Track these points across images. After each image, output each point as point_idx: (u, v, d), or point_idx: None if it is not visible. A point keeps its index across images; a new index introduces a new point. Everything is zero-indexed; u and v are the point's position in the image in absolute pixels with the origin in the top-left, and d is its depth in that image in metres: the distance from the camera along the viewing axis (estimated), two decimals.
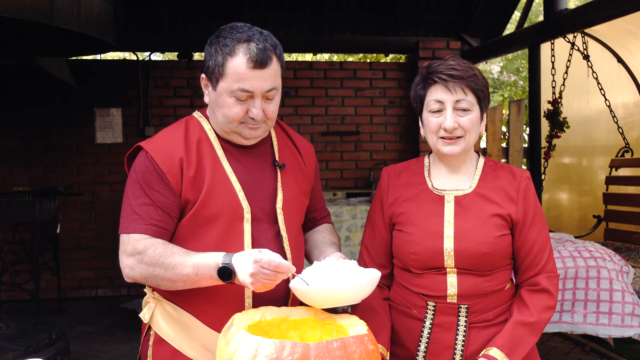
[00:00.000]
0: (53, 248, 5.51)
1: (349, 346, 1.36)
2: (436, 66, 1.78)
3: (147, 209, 1.65)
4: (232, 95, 1.64)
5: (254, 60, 1.61)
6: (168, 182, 1.66)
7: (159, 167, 1.66)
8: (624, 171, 4.98)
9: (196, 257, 1.59)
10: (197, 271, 1.58)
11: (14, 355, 2.31)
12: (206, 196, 1.67)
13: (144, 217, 1.64)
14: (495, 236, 1.74)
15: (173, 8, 6.24)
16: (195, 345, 1.70)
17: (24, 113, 6.03)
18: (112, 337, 4.98)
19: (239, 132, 1.70)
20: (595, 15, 4.34)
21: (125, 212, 1.68)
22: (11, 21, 2.86)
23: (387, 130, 6.62)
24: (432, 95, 1.78)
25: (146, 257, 1.61)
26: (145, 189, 1.66)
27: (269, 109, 1.68)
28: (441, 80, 1.75)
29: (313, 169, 1.92)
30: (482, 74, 1.80)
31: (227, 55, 1.63)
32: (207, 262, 1.57)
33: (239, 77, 1.62)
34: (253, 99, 1.65)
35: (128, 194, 1.68)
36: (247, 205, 1.70)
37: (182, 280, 1.59)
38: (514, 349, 1.69)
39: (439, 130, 1.77)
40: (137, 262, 1.63)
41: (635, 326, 3.17)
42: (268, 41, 1.66)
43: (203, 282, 1.59)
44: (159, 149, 1.68)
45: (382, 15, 6.58)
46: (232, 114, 1.66)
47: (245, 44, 1.63)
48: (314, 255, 1.86)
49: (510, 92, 12.13)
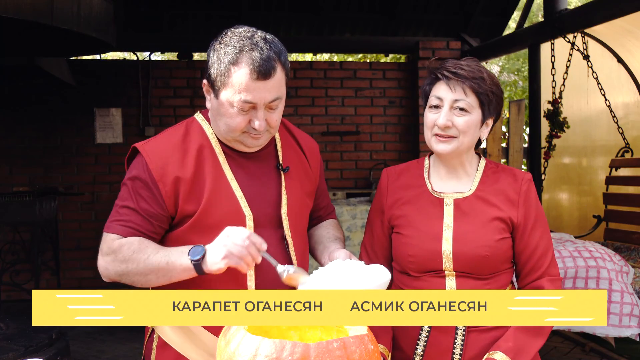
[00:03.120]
0: (53, 248, 5.51)
1: (349, 346, 1.36)
2: (446, 63, 1.77)
3: (129, 213, 1.65)
4: (235, 106, 1.60)
5: (258, 71, 1.57)
6: (158, 191, 1.64)
7: (152, 175, 1.64)
8: (624, 171, 4.98)
9: (168, 248, 1.60)
10: (168, 259, 1.56)
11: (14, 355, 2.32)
12: (207, 205, 1.64)
13: (125, 220, 1.64)
14: (495, 239, 1.73)
15: (173, 8, 6.23)
16: (199, 350, 1.69)
17: (24, 113, 6.02)
18: (112, 337, 4.98)
19: (241, 140, 1.67)
20: (595, 15, 4.34)
21: (112, 211, 1.69)
22: (11, 21, 2.86)
23: (387, 130, 6.62)
24: (434, 92, 1.77)
25: (120, 254, 1.61)
26: (132, 194, 1.66)
27: (272, 117, 1.64)
28: (444, 77, 1.74)
29: (318, 169, 1.90)
30: (492, 79, 1.77)
31: (230, 65, 1.58)
32: (178, 250, 1.57)
33: (242, 88, 1.58)
34: (256, 109, 1.61)
35: (119, 194, 1.69)
36: (249, 212, 1.68)
37: (154, 271, 1.58)
38: (518, 353, 1.67)
39: (434, 127, 1.76)
40: (112, 261, 1.62)
41: (633, 326, 3.18)
42: (273, 49, 1.60)
43: (174, 273, 1.57)
44: (156, 155, 1.66)
45: (382, 15, 6.58)
46: (234, 124, 1.63)
47: (249, 53, 1.57)
48: (317, 250, 1.84)
49: (510, 92, 12.13)
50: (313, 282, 1.56)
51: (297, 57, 10.40)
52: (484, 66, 1.79)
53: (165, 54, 6.90)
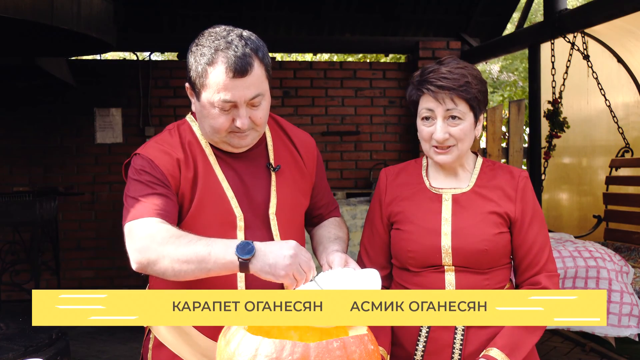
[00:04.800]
0: (53, 248, 5.52)
1: (349, 346, 1.36)
2: (427, 74, 1.76)
3: (152, 198, 1.58)
4: (215, 106, 1.59)
5: (234, 69, 1.55)
6: (167, 181, 1.62)
7: (159, 168, 1.63)
8: (624, 171, 4.98)
9: (210, 239, 1.51)
10: (210, 249, 1.47)
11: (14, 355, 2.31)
12: (198, 205, 1.64)
13: (152, 204, 1.57)
14: (493, 233, 1.74)
15: (173, 8, 6.23)
16: (193, 351, 1.70)
17: (24, 113, 6.03)
18: (112, 337, 4.98)
19: (227, 141, 1.66)
20: (595, 15, 4.34)
21: (129, 204, 1.61)
22: (11, 21, 2.86)
23: (387, 130, 6.62)
24: (423, 104, 1.77)
25: (158, 236, 1.50)
26: (146, 183, 1.62)
27: (256, 115, 1.62)
28: (429, 92, 1.73)
29: (314, 166, 1.87)
30: (477, 78, 1.76)
31: (206, 65, 1.57)
32: (222, 242, 1.49)
33: (220, 87, 1.56)
34: (237, 108, 1.59)
35: (129, 193, 1.63)
36: (240, 212, 1.67)
37: (193, 260, 1.46)
38: (514, 349, 1.69)
39: (431, 139, 1.77)
40: (149, 243, 1.50)
41: (632, 326, 3.18)
42: (248, 45, 1.58)
43: (215, 266, 1.47)
44: (157, 151, 1.66)
45: (382, 15, 6.58)
46: (217, 125, 1.61)
47: (224, 52, 1.56)
48: (318, 251, 1.83)
49: (510, 92, 12.14)
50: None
51: (297, 57, 10.40)
52: (464, 64, 1.78)
53: (165, 54, 6.90)
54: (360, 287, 1.57)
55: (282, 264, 1.44)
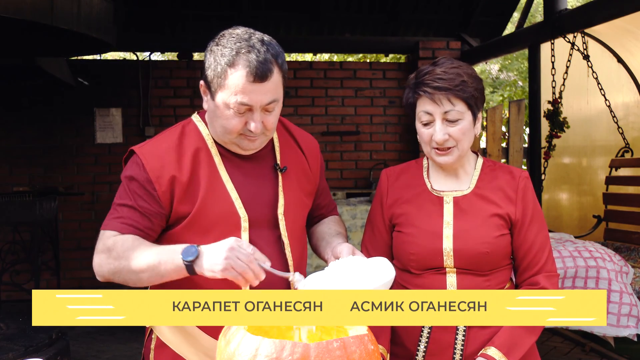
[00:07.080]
0: (53, 248, 5.52)
1: (349, 346, 1.36)
2: (423, 76, 1.76)
3: (127, 210, 1.64)
4: (231, 107, 1.59)
5: (254, 73, 1.56)
6: (154, 191, 1.63)
7: (148, 175, 1.64)
8: (624, 171, 4.98)
9: (161, 246, 1.58)
10: (160, 257, 1.53)
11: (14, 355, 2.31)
12: (201, 206, 1.64)
13: (122, 217, 1.64)
14: (495, 236, 1.75)
15: (173, 8, 6.23)
16: (196, 351, 1.69)
17: (24, 113, 6.03)
18: (112, 337, 4.98)
19: (237, 143, 1.67)
20: (595, 15, 4.34)
21: (110, 210, 1.68)
22: (11, 21, 2.86)
23: (387, 130, 6.62)
24: (421, 107, 1.77)
25: (114, 252, 1.58)
26: (129, 193, 1.66)
27: (268, 120, 1.63)
28: (426, 94, 1.73)
29: (318, 168, 1.89)
30: (472, 77, 1.76)
31: (227, 66, 1.57)
32: (170, 248, 1.54)
33: (238, 90, 1.57)
34: (252, 112, 1.60)
35: (115, 197, 1.70)
36: (244, 213, 1.67)
37: (145, 269, 1.54)
38: (512, 348, 1.70)
39: (431, 142, 1.77)
40: (106, 258, 1.60)
41: (631, 326, 3.18)
42: (270, 51, 1.60)
43: (165, 272, 1.54)
44: (152, 156, 1.66)
45: (382, 15, 6.58)
46: (230, 126, 1.62)
47: (246, 55, 1.56)
48: (320, 247, 1.83)
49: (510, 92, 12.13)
50: (316, 283, 1.55)
51: (297, 57, 10.40)
52: (459, 63, 1.78)
53: (165, 54, 6.90)
54: (374, 274, 1.57)
55: (219, 259, 1.47)
